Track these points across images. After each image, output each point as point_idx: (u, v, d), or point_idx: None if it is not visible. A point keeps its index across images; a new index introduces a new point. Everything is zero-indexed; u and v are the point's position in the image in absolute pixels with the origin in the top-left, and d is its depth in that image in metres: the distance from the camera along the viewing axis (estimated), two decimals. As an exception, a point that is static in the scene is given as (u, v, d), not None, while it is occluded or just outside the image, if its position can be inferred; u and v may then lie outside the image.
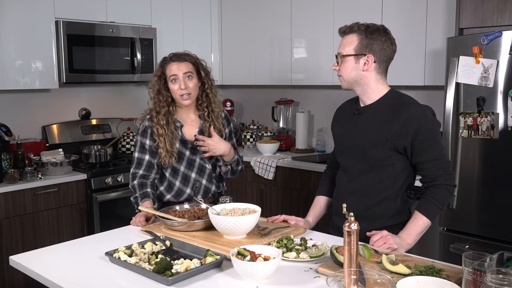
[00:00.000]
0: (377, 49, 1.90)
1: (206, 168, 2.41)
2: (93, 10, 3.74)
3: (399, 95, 1.98)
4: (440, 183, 1.88)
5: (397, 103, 1.93)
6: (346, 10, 3.66)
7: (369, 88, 1.95)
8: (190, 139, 2.38)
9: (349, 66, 1.93)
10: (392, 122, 1.89)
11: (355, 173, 2.01)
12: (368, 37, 1.89)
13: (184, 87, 2.28)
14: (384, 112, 1.93)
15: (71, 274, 1.70)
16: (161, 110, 2.32)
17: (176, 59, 2.33)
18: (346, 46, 1.93)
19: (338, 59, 1.97)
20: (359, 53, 1.90)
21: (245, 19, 4.40)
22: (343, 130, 2.09)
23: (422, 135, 1.86)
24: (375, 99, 1.97)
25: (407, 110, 1.89)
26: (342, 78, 1.97)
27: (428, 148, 1.87)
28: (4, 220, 3.16)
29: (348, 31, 1.94)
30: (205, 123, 2.40)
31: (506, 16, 2.71)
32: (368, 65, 1.91)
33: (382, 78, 1.96)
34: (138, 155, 2.38)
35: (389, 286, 1.36)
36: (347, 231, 1.44)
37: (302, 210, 3.74)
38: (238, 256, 1.64)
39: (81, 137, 4.04)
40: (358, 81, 1.94)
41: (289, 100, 4.44)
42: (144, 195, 2.31)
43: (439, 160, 1.88)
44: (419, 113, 1.88)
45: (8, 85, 3.41)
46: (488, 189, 2.72)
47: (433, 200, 1.88)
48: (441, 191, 1.88)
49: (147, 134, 2.37)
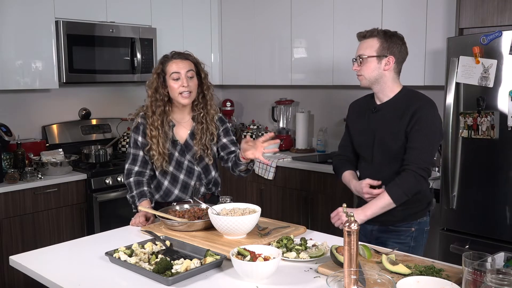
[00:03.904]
0: (396, 51, 2.12)
1: (194, 171, 2.39)
2: (93, 10, 3.75)
3: (413, 92, 2.19)
4: (410, 168, 2.04)
5: (410, 98, 2.14)
6: (346, 10, 3.66)
7: (387, 86, 2.16)
8: (180, 140, 2.38)
9: (371, 66, 2.13)
10: (406, 114, 2.09)
11: (379, 164, 2.19)
12: (388, 41, 2.11)
13: (187, 84, 2.27)
14: (399, 107, 2.13)
15: (71, 274, 1.70)
16: (157, 110, 2.31)
17: (178, 57, 2.32)
18: (368, 49, 2.13)
19: (358, 60, 2.15)
20: (381, 55, 2.11)
21: (245, 19, 4.40)
22: (363, 126, 2.26)
23: (419, 125, 2.05)
24: (391, 96, 2.17)
25: (417, 102, 2.10)
26: (363, 77, 2.17)
27: (418, 138, 2.05)
28: (4, 220, 3.16)
29: (369, 35, 2.15)
30: (197, 125, 2.38)
31: (506, 16, 2.71)
32: (389, 65, 2.12)
33: (397, 78, 2.18)
34: (133, 151, 2.38)
35: (389, 286, 1.36)
36: (347, 231, 1.44)
37: (302, 210, 3.75)
38: (238, 256, 1.64)
39: (81, 137, 4.04)
40: (378, 79, 2.14)
41: (289, 100, 4.44)
42: (141, 195, 2.30)
43: (421, 151, 2.05)
44: (423, 105, 2.09)
45: (8, 85, 3.41)
46: (488, 189, 2.72)
47: (400, 184, 2.04)
48: (407, 176, 2.04)
49: (139, 130, 2.36)
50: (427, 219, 2.22)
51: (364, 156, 2.27)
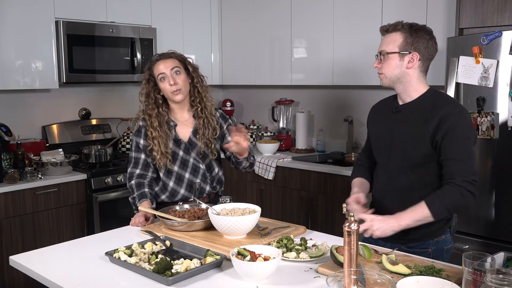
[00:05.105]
0: (422, 47, 1.90)
1: (200, 168, 2.41)
2: (93, 10, 3.75)
3: (439, 93, 1.97)
4: (456, 182, 1.80)
5: (437, 100, 1.91)
6: (346, 10, 3.66)
7: (411, 86, 1.95)
8: (184, 138, 2.39)
9: (393, 63, 1.92)
10: (432, 119, 1.86)
11: (394, 171, 1.98)
12: (413, 35, 1.89)
13: (173, 82, 2.29)
14: (424, 109, 1.91)
15: (71, 274, 1.70)
16: (152, 113, 2.34)
17: (161, 57, 2.35)
18: (390, 44, 1.92)
19: (379, 57, 1.95)
20: (404, 51, 1.90)
21: (245, 19, 4.40)
22: (381, 128, 2.07)
23: (453, 133, 1.83)
24: (414, 97, 1.96)
25: (446, 107, 1.87)
26: (383, 76, 1.96)
27: (455, 146, 1.82)
28: (4, 220, 3.16)
29: (392, 29, 1.93)
30: (198, 120, 2.39)
31: (506, 16, 2.71)
32: (413, 63, 1.91)
33: (423, 77, 1.96)
34: (135, 155, 2.40)
35: (389, 286, 1.36)
36: (347, 231, 1.44)
37: (302, 210, 3.75)
38: (238, 256, 1.64)
39: (81, 137, 4.04)
40: (401, 78, 1.93)
41: (289, 100, 4.44)
42: (142, 195, 2.31)
43: (462, 161, 1.82)
44: (456, 112, 1.86)
45: (8, 85, 3.41)
46: (488, 189, 2.72)
47: (442, 197, 1.80)
48: (452, 190, 1.80)
49: (141, 133, 2.38)
50: (448, 237, 1.98)
51: (380, 161, 2.07)
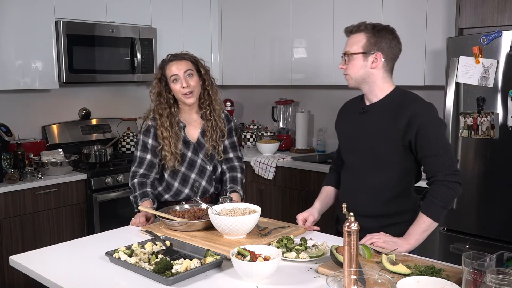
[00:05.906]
0: (385, 47, 1.92)
1: (207, 170, 2.41)
2: (93, 10, 3.74)
3: (405, 92, 2.00)
4: (439, 178, 1.85)
5: (404, 99, 1.94)
6: (346, 10, 3.66)
7: (376, 86, 1.96)
8: (192, 139, 2.39)
9: (357, 64, 1.93)
10: (399, 118, 1.89)
11: (363, 172, 2.01)
12: (376, 36, 1.91)
13: (186, 85, 2.28)
14: (390, 109, 1.94)
15: (71, 274, 1.70)
16: (164, 112, 2.32)
17: (174, 58, 2.33)
18: (354, 45, 1.94)
19: (345, 58, 1.97)
20: (367, 51, 1.91)
21: (245, 19, 4.40)
22: (349, 129, 2.09)
23: (425, 130, 1.86)
24: (381, 97, 1.98)
25: (413, 105, 1.91)
26: (349, 77, 1.98)
27: (431, 143, 1.86)
28: (4, 220, 3.16)
29: (355, 30, 1.95)
30: (207, 122, 2.40)
31: (506, 16, 2.71)
32: (377, 63, 1.92)
33: (388, 76, 1.98)
34: (140, 154, 2.38)
35: (389, 286, 1.36)
36: (347, 231, 1.44)
37: (302, 210, 3.73)
38: (238, 256, 1.64)
39: (81, 137, 4.04)
40: (366, 79, 1.95)
41: (289, 100, 4.44)
42: (143, 195, 2.31)
43: (440, 156, 1.87)
44: (424, 109, 1.90)
45: (8, 85, 3.41)
46: (488, 189, 2.72)
47: (433, 199, 1.85)
48: (440, 188, 1.85)
49: (150, 133, 2.36)
50: None
51: (349, 163, 2.08)
